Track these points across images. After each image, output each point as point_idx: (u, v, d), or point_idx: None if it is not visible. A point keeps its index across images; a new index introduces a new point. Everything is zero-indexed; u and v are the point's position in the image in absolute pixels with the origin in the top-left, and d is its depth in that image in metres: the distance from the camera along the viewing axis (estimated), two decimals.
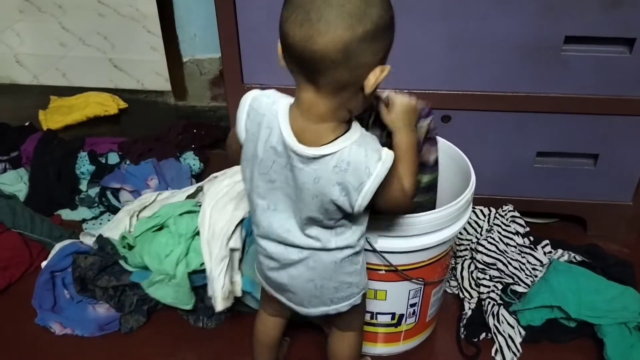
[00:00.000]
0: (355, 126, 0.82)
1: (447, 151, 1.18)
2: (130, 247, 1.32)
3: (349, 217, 0.86)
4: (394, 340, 1.20)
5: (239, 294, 1.23)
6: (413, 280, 1.08)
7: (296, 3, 0.72)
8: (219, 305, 1.18)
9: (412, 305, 1.14)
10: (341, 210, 0.83)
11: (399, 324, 1.16)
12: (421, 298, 1.13)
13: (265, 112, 0.82)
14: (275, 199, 0.86)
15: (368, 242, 0.98)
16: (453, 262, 1.37)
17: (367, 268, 1.04)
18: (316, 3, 0.70)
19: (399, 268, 1.05)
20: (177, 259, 1.22)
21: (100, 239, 1.35)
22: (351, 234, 0.88)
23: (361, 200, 0.80)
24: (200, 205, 1.30)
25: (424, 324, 1.20)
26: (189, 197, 1.42)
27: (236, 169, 1.39)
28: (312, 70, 0.74)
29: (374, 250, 1.01)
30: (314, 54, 0.71)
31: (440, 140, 1.20)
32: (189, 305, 1.26)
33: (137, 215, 1.45)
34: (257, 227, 0.91)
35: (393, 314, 1.14)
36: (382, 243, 1.01)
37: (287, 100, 0.82)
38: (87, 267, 1.29)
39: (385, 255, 1.03)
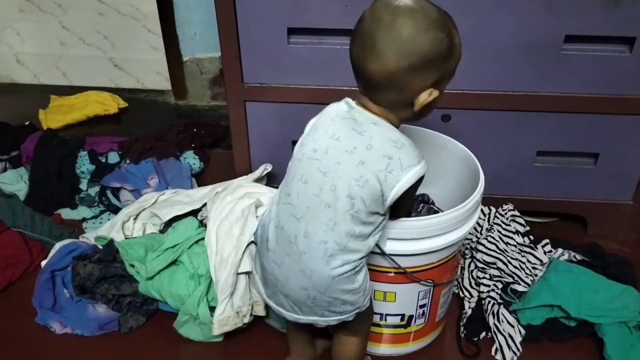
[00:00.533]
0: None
1: (455, 151, 1.18)
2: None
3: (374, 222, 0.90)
4: (403, 341, 1.20)
5: (261, 313, 1.24)
6: (422, 282, 1.08)
7: (363, 26, 0.82)
8: (215, 330, 1.20)
9: (422, 306, 1.14)
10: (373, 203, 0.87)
11: (408, 324, 1.16)
12: (430, 299, 1.13)
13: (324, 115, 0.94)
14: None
15: (377, 245, 0.97)
16: (462, 262, 1.37)
17: (377, 270, 1.05)
18: (376, 29, 0.80)
19: (408, 270, 1.05)
20: (199, 300, 1.22)
21: (108, 246, 1.33)
22: (359, 249, 0.90)
23: (405, 181, 0.86)
24: (205, 225, 1.31)
25: (434, 324, 1.21)
26: (193, 212, 1.41)
27: (237, 182, 1.39)
28: (366, 85, 0.86)
29: (383, 254, 1.01)
30: (366, 74, 0.83)
31: (450, 140, 1.20)
32: (219, 339, 1.25)
33: (135, 219, 1.45)
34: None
35: (402, 315, 1.14)
36: (391, 246, 1.01)
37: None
38: (85, 277, 1.29)
39: (394, 258, 1.03)
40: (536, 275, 1.33)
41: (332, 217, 0.86)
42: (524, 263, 1.35)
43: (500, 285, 1.30)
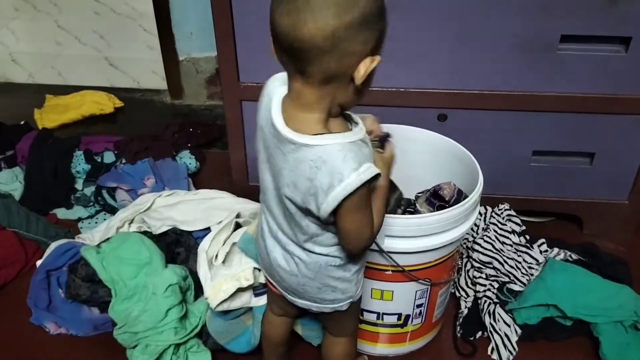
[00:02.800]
0: (355, 133, 0.80)
1: (453, 151, 1.18)
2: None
3: (322, 224, 0.83)
4: (400, 341, 1.20)
5: (249, 279, 1.16)
6: (420, 281, 1.08)
7: None
8: (212, 300, 1.14)
9: (419, 306, 1.14)
10: (309, 212, 0.81)
11: (405, 324, 1.16)
12: (428, 299, 1.13)
13: (270, 93, 0.84)
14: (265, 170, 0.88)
15: (375, 242, 0.97)
16: (459, 263, 1.37)
17: (374, 268, 1.05)
18: None
19: (406, 269, 1.05)
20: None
21: (86, 265, 1.28)
22: (327, 243, 0.86)
23: (327, 205, 0.77)
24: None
25: (430, 324, 1.21)
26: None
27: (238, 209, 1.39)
28: (300, 59, 0.73)
29: (381, 251, 1.01)
30: (302, 42, 0.71)
31: (447, 140, 1.20)
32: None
33: (130, 224, 1.44)
34: (263, 194, 0.92)
35: (399, 315, 1.14)
36: (389, 243, 1.01)
37: (286, 88, 0.82)
38: (75, 294, 1.28)
39: (392, 255, 1.03)
40: (532, 275, 1.33)
41: (285, 212, 0.86)
42: (520, 262, 1.36)
43: (496, 285, 1.30)
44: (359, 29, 0.71)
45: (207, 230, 1.40)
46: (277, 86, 0.83)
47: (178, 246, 1.38)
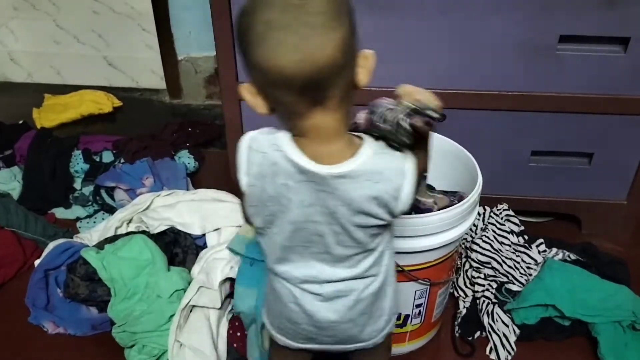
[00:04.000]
0: (365, 138, 0.76)
1: (452, 150, 1.19)
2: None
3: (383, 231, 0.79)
4: (399, 341, 1.20)
5: None
6: (419, 280, 1.08)
7: (269, 35, 0.63)
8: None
9: (418, 306, 1.14)
10: (380, 225, 0.76)
11: (404, 324, 1.16)
12: (427, 299, 1.13)
13: (266, 150, 0.74)
14: (299, 237, 0.77)
15: None
16: (459, 263, 1.37)
17: None
18: (292, 21, 0.63)
19: (405, 268, 1.05)
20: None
21: (85, 264, 1.27)
22: (385, 254, 0.82)
23: (402, 205, 0.74)
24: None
25: (430, 324, 1.21)
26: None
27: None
28: (321, 88, 0.66)
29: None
30: (323, 68, 0.64)
31: (446, 140, 1.20)
32: None
33: (128, 224, 1.44)
34: (289, 269, 0.81)
35: (399, 315, 1.14)
36: None
37: (286, 133, 0.74)
38: (73, 293, 1.28)
39: None
40: (530, 275, 1.33)
41: (347, 247, 0.79)
42: (518, 263, 1.36)
43: (494, 285, 1.30)
44: (354, 28, 0.68)
45: (203, 236, 1.41)
46: (266, 147, 0.74)
47: (176, 246, 1.38)
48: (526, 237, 1.42)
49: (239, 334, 1.19)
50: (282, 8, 0.63)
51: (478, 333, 1.27)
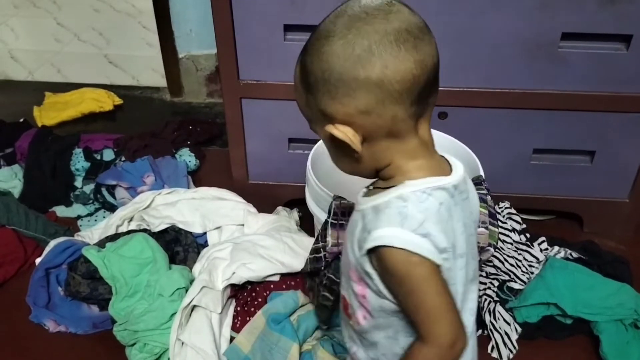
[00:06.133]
0: None
1: (454, 148, 1.18)
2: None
3: None
4: None
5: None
6: None
7: (380, 45, 0.61)
8: None
9: None
10: None
11: None
12: None
13: (443, 200, 0.66)
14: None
15: None
16: None
17: None
18: (396, 25, 0.62)
19: None
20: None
21: (86, 262, 1.27)
22: None
23: None
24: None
25: None
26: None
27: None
28: (430, 94, 0.67)
29: None
30: (432, 69, 0.66)
31: (448, 138, 1.20)
32: None
33: (129, 222, 1.44)
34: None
35: None
36: None
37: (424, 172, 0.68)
38: (74, 291, 1.28)
39: None
40: (532, 273, 1.33)
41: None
42: (520, 261, 1.35)
43: (496, 283, 1.30)
44: None
45: (203, 234, 1.40)
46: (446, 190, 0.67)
47: (177, 245, 1.37)
48: (528, 235, 1.42)
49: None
50: (376, 22, 0.62)
51: (480, 331, 1.26)
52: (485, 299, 1.27)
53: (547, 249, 1.40)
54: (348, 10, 0.64)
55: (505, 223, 1.42)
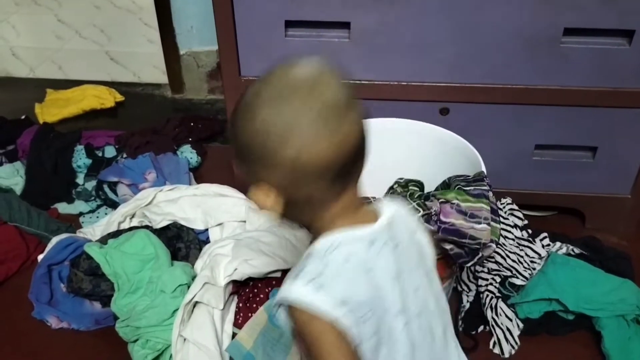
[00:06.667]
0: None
1: (456, 144, 1.18)
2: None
3: None
4: None
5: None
6: None
7: (298, 125, 0.60)
8: None
9: None
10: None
11: None
12: None
13: (366, 258, 0.66)
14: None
15: None
16: None
17: None
18: (315, 106, 0.61)
19: None
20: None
21: (88, 258, 1.27)
22: None
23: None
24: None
25: None
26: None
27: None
28: (353, 169, 0.65)
29: None
30: (355, 147, 0.63)
31: (449, 134, 1.20)
32: None
33: (131, 219, 1.44)
34: None
35: None
36: None
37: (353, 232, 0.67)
38: (77, 288, 1.28)
39: None
40: (534, 269, 1.33)
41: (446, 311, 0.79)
42: (522, 257, 1.35)
43: (498, 279, 1.30)
44: None
45: (205, 230, 1.40)
46: (357, 251, 0.66)
47: (179, 241, 1.38)
48: (530, 231, 1.42)
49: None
50: (308, 91, 0.61)
51: (481, 327, 1.27)
52: (487, 295, 1.27)
53: (549, 245, 1.40)
54: (275, 80, 0.64)
55: (507, 219, 1.42)
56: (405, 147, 1.29)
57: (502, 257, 1.33)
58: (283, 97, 0.61)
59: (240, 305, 1.23)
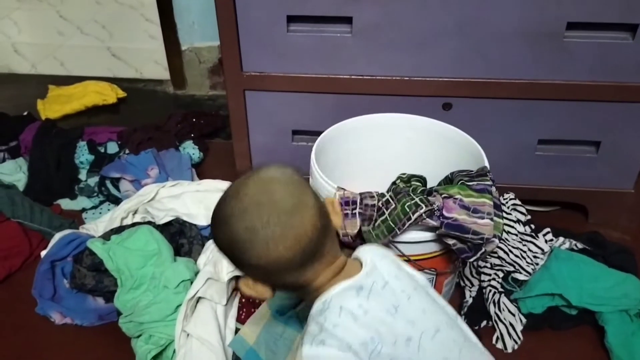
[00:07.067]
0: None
1: (459, 139, 1.18)
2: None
3: None
4: None
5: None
6: (425, 270, 1.07)
7: (256, 238, 0.70)
8: None
9: None
10: None
11: None
12: (433, 288, 1.12)
13: (370, 309, 0.74)
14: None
15: None
16: None
17: None
18: (269, 217, 0.70)
19: (412, 258, 1.05)
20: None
21: (91, 254, 1.27)
22: None
23: None
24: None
25: None
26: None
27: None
28: (316, 253, 0.74)
29: (387, 240, 1.01)
30: (312, 238, 0.72)
31: (452, 128, 1.20)
32: None
33: (134, 214, 1.44)
34: None
35: None
36: None
37: (347, 283, 0.76)
38: (80, 284, 1.28)
39: (398, 245, 1.02)
40: (537, 264, 1.33)
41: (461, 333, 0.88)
42: (525, 252, 1.35)
43: (501, 274, 1.30)
44: (311, 188, 0.79)
45: (208, 226, 1.41)
46: (354, 297, 0.74)
47: (182, 237, 1.38)
48: (533, 226, 1.42)
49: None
50: (254, 209, 0.70)
51: (484, 322, 1.27)
52: (490, 290, 1.27)
53: (552, 240, 1.40)
54: (241, 195, 0.72)
55: (510, 214, 1.41)
56: (408, 143, 1.29)
57: (505, 252, 1.33)
58: (241, 210, 0.71)
59: (243, 300, 1.23)
